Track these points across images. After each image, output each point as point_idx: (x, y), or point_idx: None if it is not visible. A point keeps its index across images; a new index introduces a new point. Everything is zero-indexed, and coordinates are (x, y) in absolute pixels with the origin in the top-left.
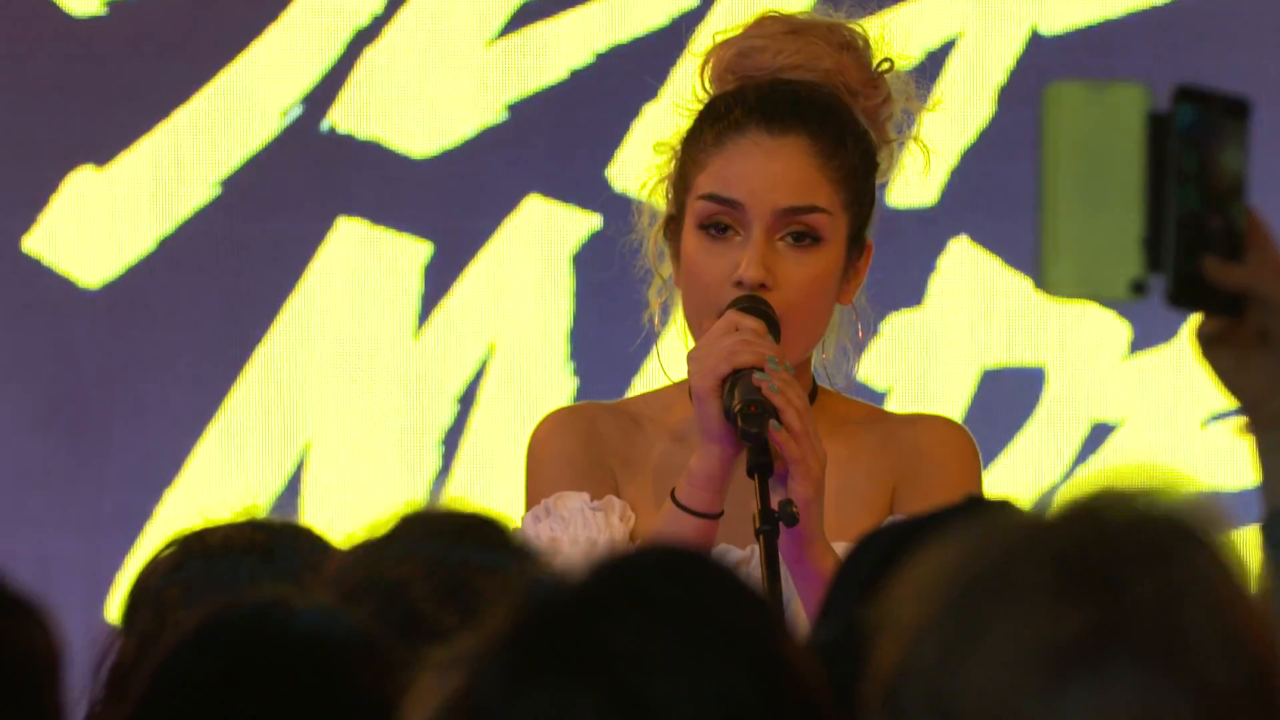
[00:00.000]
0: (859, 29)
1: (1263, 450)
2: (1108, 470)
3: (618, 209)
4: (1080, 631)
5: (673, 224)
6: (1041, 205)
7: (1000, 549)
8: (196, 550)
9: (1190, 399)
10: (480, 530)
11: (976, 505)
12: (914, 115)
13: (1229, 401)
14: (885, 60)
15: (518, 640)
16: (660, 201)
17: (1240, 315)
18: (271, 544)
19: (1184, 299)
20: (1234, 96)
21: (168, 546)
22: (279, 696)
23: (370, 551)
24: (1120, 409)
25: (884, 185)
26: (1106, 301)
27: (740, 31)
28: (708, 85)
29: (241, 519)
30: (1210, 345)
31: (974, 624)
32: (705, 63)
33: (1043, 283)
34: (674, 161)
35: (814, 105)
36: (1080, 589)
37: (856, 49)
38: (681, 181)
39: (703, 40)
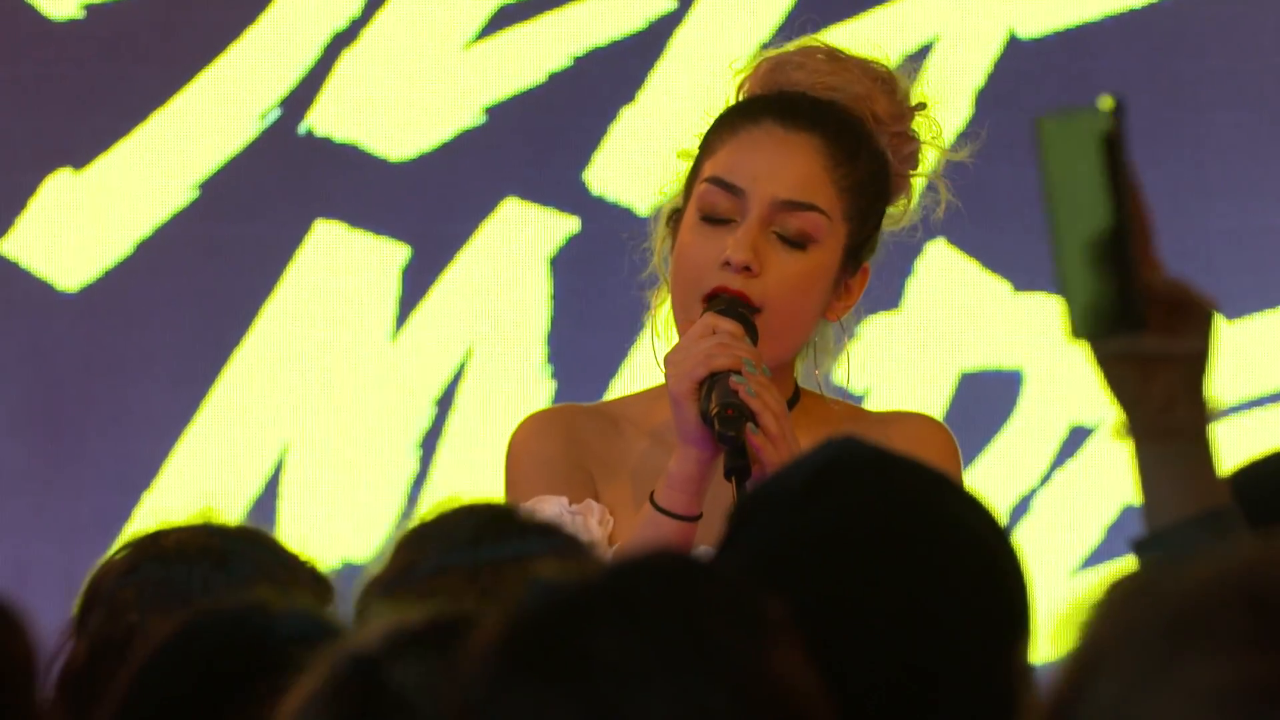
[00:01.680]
0: (898, 73)
1: (1147, 463)
2: None
3: (595, 212)
4: (1275, 678)
5: (676, 217)
6: (1052, 248)
7: (1195, 587)
8: (151, 553)
9: None
10: (495, 524)
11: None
12: (936, 156)
13: (1121, 411)
14: (920, 104)
15: (506, 644)
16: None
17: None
18: (226, 549)
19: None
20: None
21: (122, 549)
22: (258, 700)
23: (398, 575)
24: (1098, 412)
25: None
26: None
27: (781, 52)
28: (741, 97)
29: (198, 522)
30: (1119, 360)
31: (1164, 661)
32: (743, 77)
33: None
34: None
35: (834, 115)
36: (1277, 635)
37: (891, 85)
38: (694, 174)
39: (689, 46)
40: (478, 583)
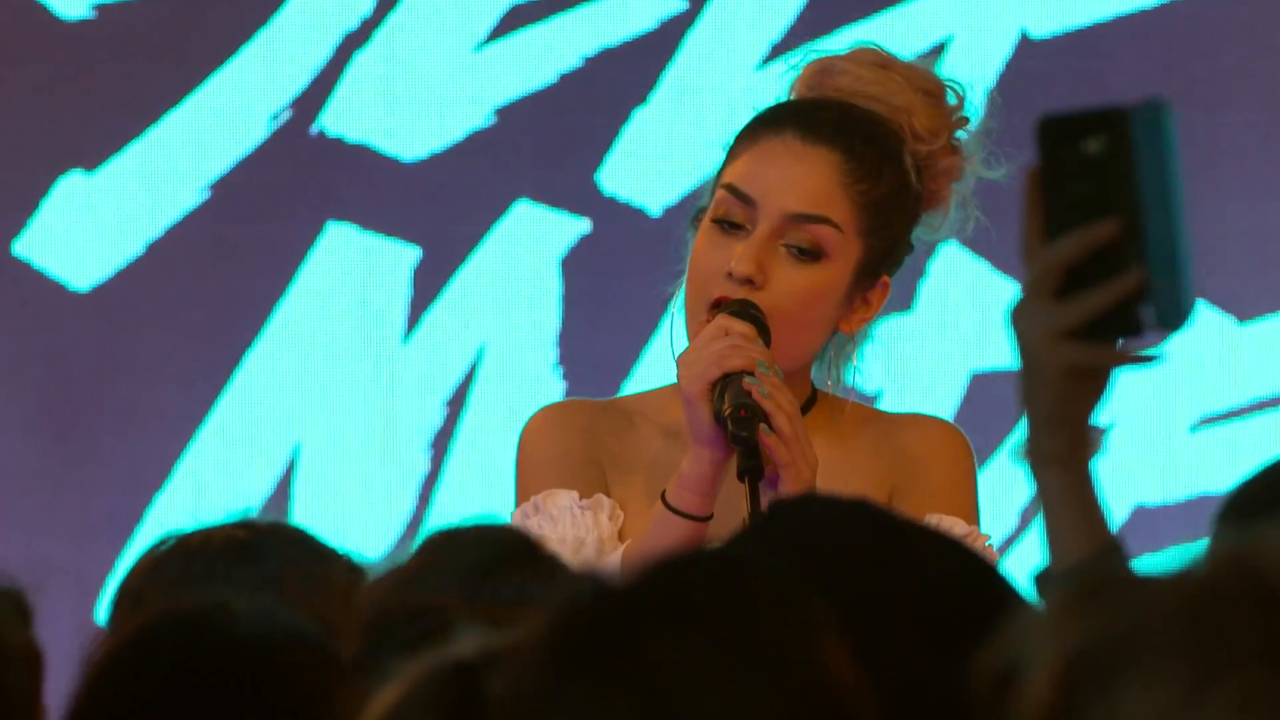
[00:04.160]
0: (951, 85)
1: (1051, 491)
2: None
3: (606, 213)
4: None
5: (700, 215)
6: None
7: (1203, 595)
8: (177, 549)
9: (1179, 402)
10: (518, 558)
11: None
12: (977, 177)
13: (1046, 430)
14: (963, 118)
15: (557, 641)
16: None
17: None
18: (253, 543)
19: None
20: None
21: (154, 546)
22: (219, 699)
23: (405, 581)
24: (1109, 412)
25: (936, 243)
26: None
27: (834, 54)
28: (792, 97)
29: (234, 518)
30: (1072, 373)
31: (1204, 675)
32: (793, 78)
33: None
34: None
35: (859, 128)
36: None
37: (936, 97)
38: (719, 175)
39: (701, 47)
40: (475, 616)
